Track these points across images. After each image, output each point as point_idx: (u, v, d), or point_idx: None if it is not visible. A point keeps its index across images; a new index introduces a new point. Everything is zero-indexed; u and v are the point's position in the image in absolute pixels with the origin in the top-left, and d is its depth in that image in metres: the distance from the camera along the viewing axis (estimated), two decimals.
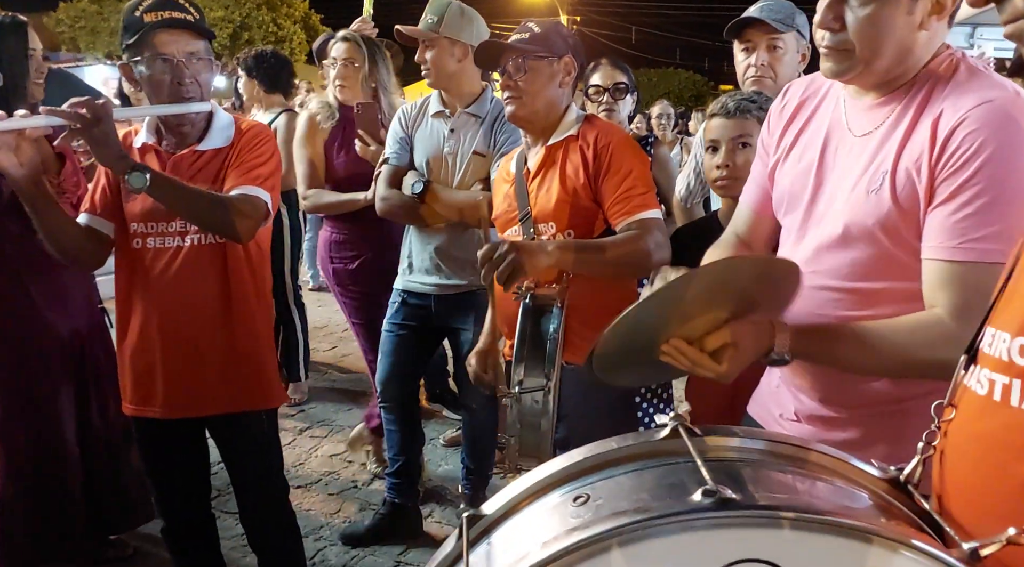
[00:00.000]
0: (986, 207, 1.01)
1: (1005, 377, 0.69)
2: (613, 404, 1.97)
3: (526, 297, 1.69)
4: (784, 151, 1.33)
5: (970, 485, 0.72)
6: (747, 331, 1.09)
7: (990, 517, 0.66)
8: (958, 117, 1.04)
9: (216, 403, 1.88)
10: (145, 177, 1.64)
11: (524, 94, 1.88)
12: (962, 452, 0.74)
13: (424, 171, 2.45)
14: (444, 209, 2.40)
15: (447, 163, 2.41)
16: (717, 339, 1.06)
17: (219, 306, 1.84)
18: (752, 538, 0.61)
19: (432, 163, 2.43)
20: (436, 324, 2.57)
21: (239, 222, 1.74)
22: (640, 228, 1.79)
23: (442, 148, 2.42)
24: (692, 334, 1.08)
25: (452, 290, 2.49)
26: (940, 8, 1.09)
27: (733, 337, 1.06)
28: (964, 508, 0.71)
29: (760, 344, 1.10)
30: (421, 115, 2.51)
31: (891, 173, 1.10)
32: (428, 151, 2.44)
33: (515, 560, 0.63)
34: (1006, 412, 0.69)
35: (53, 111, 1.63)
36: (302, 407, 3.92)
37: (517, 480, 0.74)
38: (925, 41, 1.11)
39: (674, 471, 0.70)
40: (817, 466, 0.76)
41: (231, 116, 1.93)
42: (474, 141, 2.39)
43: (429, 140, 2.45)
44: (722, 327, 1.08)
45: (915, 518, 0.73)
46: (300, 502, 2.88)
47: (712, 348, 1.07)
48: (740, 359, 1.07)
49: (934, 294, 1.07)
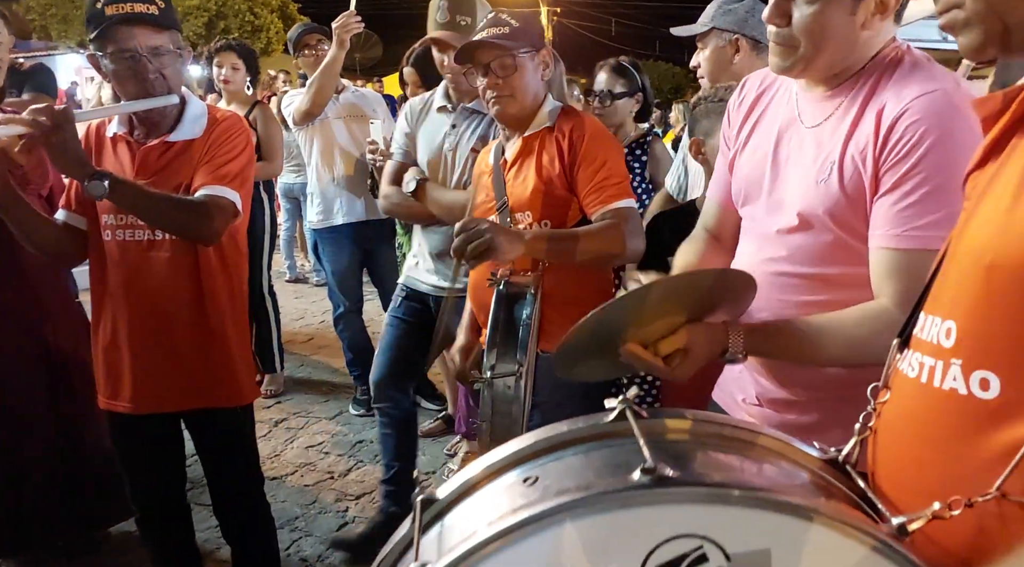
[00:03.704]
0: (928, 196, 1.05)
1: (934, 360, 0.73)
2: (588, 391, 1.99)
3: (500, 284, 1.71)
4: (742, 143, 1.36)
5: (901, 463, 0.75)
6: (702, 333, 1.15)
7: (920, 493, 0.69)
8: (900, 108, 1.08)
9: (187, 399, 1.88)
10: (104, 185, 1.61)
11: (516, 92, 1.87)
12: (894, 432, 0.77)
13: (425, 167, 2.41)
14: (435, 208, 2.36)
15: (446, 160, 2.37)
16: (671, 344, 1.13)
17: (190, 301, 1.83)
18: (690, 515, 0.64)
19: (432, 159, 2.39)
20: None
21: (204, 225, 1.73)
22: (615, 217, 1.81)
23: (442, 144, 2.37)
24: (650, 337, 1.15)
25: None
26: (883, 8, 1.12)
27: (687, 341, 1.13)
28: (896, 485, 0.74)
29: (714, 345, 1.15)
30: (426, 110, 2.46)
31: (839, 163, 1.14)
32: (429, 147, 2.41)
33: (462, 539, 0.65)
34: (934, 393, 0.72)
35: (12, 119, 1.60)
36: (278, 398, 3.92)
37: (471, 464, 0.76)
38: (868, 38, 1.15)
39: (620, 452, 0.72)
40: (761, 448, 0.79)
41: (205, 105, 1.91)
42: (474, 137, 2.34)
43: (431, 136, 2.41)
44: (678, 331, 1.14)
45: (853, 496, 0.76)
46: (275, 493, 2.89)
47: (666, 353, 1.13)
48: (692, 362, 1.14)
49: (881, 282, 1.11)
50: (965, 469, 0.69)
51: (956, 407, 0.70)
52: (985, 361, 0.68)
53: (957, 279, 0.72)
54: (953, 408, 0.71)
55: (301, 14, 19.74)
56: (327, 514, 2.82)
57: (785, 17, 1.15)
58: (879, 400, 0.81)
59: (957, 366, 0.70)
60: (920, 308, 0.78)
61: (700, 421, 0.80)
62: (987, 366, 0.68)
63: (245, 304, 2.00)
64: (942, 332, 0.72)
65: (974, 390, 0.69)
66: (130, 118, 1.86)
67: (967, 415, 0.69)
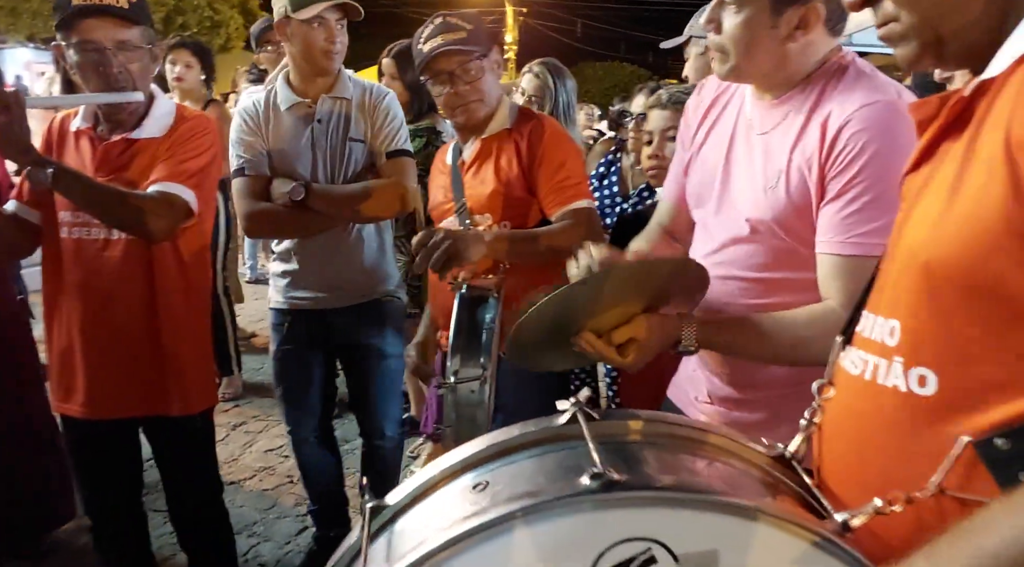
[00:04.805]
0: (870, 204, 1.08)
1: (877, 358, 0.74)
2: (551, 395, 1.99)
3: (462, 287, 1.70)
4: (697, 146, 1.38)
5: (845, 459, 0.77)
6: (656, 324, 1.17)
7: (862, 488, 0.70)
8: (844, 118, 1.11)
9: (142, 405, 1.84)
10: (47, 172, 1.58)
11: (484, 95, 1.85)
12: (838, 428, 0.79)
13: (294, 175, 2.11)
14: (337, 208, 2.11)
15: (322, 159, 2.13)
16: (624, 333, 1.15)
17: (144, 303, 1.79)
18: (638, 518, 0.64)
19: (303, 163, 2.12)
20: (337, 342, 2.30)
21: (151, 222, 1.69)
22: (574, 218, 1.81)
23: (312, 143, 2.12)
24: (604, 325, 1.16)
25: (355, 300, 2.24)
26: (805, 24, 1.15)
27: (640, 331, 1.15)
28: (840, 481, 0.76)
29: (667, 336, 1.17)
30: (271, 112, 2.17)
31: (786, 171, 1.17)
32: (295, 151, 2.12)
33: (412, 548, 0.64)
34: (876, 390, 0.74)
35: None
36: (236, 402, 3.85)
37: (421, 470, 0.76)
38: (800, 51, 1.18)
39: (572, 455, 0.72)
40: (711, 447, 0.80)
41: (174, 104, 1.88)
42: (348, 128, 2.15)
43: (291, 138, 2.13)
44: (632, 320, 1.16)
45: (800, 492, 0.78)
46: (233, 498, 2.83)
47: (620, 342, 1.15)
48: (645, 351, 1.15)
49: (827, 285, 1.14)
50: (905, 464, 0.70)
51: (896, 403, 0.71)
52: (923, 358, 0.70)
53: (896, 278, 0.74)
54: (893, 404, 0.72)
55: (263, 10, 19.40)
56: (286, 518, 2.78)
57: (717, 25, 1.18)
58: (823, 397, 0.82)
59: (899, 363, 0.72)
60: (863, 307, 0.80)
61: (651, 421, 0.81)
62: (925, 363, 0.70)
63: (205, 308, 1.96)
64: (886, 330, 0.74)
65: (913, 387, 0.70)
66: (95, 113, 1.81)
67: (906, 411, 0.70)
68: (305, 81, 2.16)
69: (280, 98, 2.17)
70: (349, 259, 2.23)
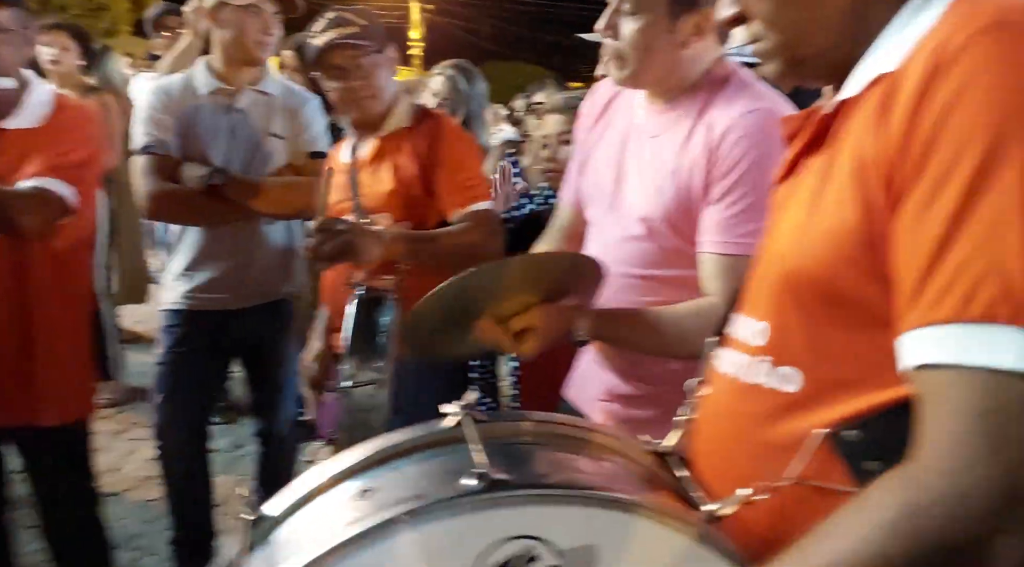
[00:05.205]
0: (750, 207, 1.15)
1: (748, 357, 0.79)
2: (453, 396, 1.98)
3: (359, 288, 1.67)
4: (591, 148, 1.42)
5: (717, 453, 0.81)
6: (552, 315, 1.21)
7: (732, 482, 0.74)
8: (727, 125, 1.17)
9: (11, 414, 1.71)
10: None
11: (378, 91, 1.83)
12: (710, 424, 0.83)
13: (206, 161, 2.07)
14: (256, 200, 2.05)
15: (239, 150, 2.09)
16: (521, 322, 1.18)
17: (17, 305, 1.67)
18: (521, 516, 0.65)
19: (217, 150, 2.08)
20: (230, 342, 2.22)
21: (22, 218, 1.58)
22: (474, 219, 1.82)
23: (232, 132, 2.09)
24: (503, 314, 1.19)
25: (259, 299, 2.19)
26: (699, 31, 1.21)
27: (537, 320, 1.18)
28: (713, 475, 0.80)
29: (563, 326, 1.21)
30: (188, 94, 2.11)
31: (675, 173, 1.21)
32: (211, 137, 2.08)
33: (291, 557, 0.63)
34: (743, 388, 0.78)
35: None
36: (120, 408, 3.63)
37: (301, 477, 0.74)
38: (691, 58, 1.23)
39: (457, 458, 0.72)
40: (596, 445, 0.82)
41: (52, 92, 1.75)
42: (270, 123, 2.13)
43: (210, 125, 2.09)
44: (531, 310, 1.19)
45: (678, 485, 0.81)
46: (114, 510, 2.65)
47: (517, 329, 1.18)
48: (540, 341, 1.19)
49: (709, 283, 1.20)
50: (771, 458, 0.75)
51: (763, 400, 0.76)
52: (790, 357, 0.75)
53: (765, 282, 0.78)
54: (760, 401, 0.77)
55: None
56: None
57: (614, 30, 1.21)
58: (698, 393, 0.87)
59: (767, 362, 0.76)
60: (735, 309, 0.84)
61: (538, 422, 0.82)
62: (791, 362, 0.74)
63: (84, 311, 1.85)
64: (755, 331, 0.78)
65: (779, 385, 0.75)
66: None
67: (770, 407, 0.75)
68: (231, 69, 2.11)
69: (200, 82, 2.12)
70: (255, 257, 2.16)
